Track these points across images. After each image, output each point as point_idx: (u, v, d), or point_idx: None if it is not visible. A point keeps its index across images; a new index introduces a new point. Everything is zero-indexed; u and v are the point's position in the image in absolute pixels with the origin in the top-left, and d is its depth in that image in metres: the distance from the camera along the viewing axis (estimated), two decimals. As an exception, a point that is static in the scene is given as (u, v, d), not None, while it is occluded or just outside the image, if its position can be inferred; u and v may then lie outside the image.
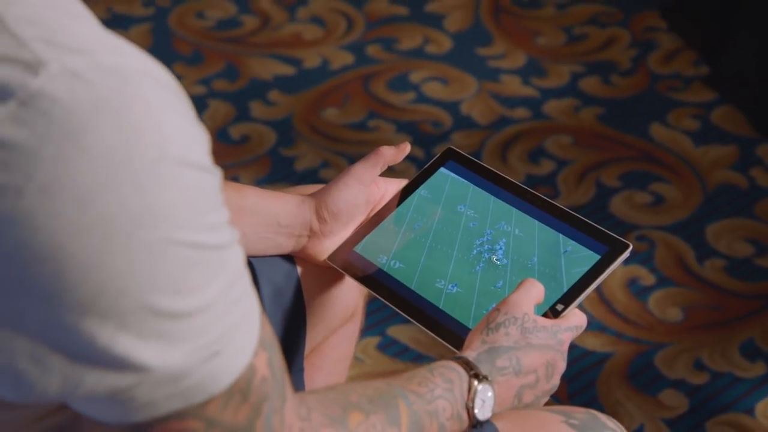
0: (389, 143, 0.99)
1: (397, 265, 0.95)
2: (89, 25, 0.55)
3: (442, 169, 1.02)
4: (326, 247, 0.97)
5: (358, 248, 0.97)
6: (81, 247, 0.51)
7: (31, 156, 0.51)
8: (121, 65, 0.53)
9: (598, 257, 0.91)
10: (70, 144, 0.51)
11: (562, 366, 0.84)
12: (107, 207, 0.51)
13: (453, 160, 1.02)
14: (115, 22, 2.25)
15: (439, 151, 1.55)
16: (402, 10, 2.35)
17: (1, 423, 0.61)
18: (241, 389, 0.58)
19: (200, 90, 2.07)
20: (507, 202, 0.98)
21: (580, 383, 1.51)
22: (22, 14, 0.53)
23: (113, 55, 0.53)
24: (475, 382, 0.78)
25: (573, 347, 0.99)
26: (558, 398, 1.48)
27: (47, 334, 0.53)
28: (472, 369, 0.78)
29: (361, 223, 0.99)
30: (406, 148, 0.98)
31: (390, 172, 0.98)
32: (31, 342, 0.53)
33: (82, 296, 0.52)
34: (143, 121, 0.52)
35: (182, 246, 0.54)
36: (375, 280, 0.95)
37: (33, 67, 0.51)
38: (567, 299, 0.89)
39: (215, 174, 0.56)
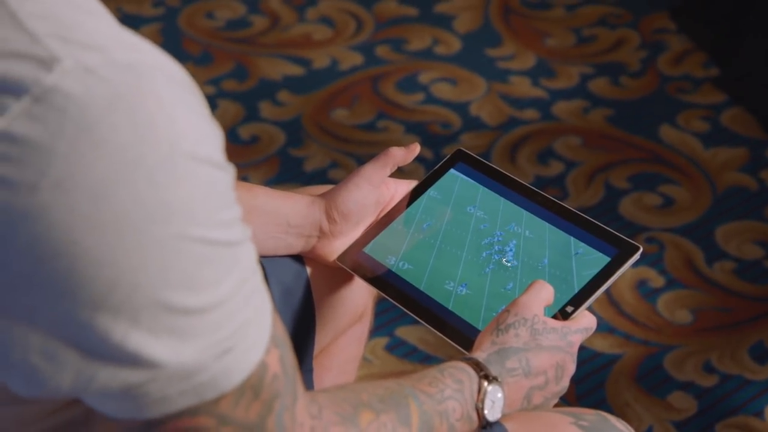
0: (398, 144, 0.99)
1: (406, 266, 0.95)
2: (103, 21, 0.55)
3: (452, 171, 1.02)
4: (336, 248, 0.97)
5: (368, 249, 0.97)
6: (94, 243, 0.52)
7: (45, 152, 0.51)
8: (135, 62, 0.53)
9: (608, 259, 0.91)
10: (84, 140, 0.51)
11: (571, 368, 0.84)
12: (121, 203, 0.52)
13: (463, 161, 1.02)
14: (124, 22, 2.25)
15: (448, 152, 1.56)
16: (411, 11, 2.35)
17: (14, 417, 0.61)
18: (253, 386, 0.58)
19: (209, 90, 2.08)
20: (517, 204, 0.98)
21: (588, 385, 1.51)
22: (36, 10, 0.53)
23: (127, 51, 0.53)
24: (485, 383, 0.78)
25: (582, 349, 0.99)
26: (566, 400, 1.48)
27: (61, 329, 0.53)
28: (482, 370, 0.78)
29: (370, 224, 0.99)
30: (416, 148, 0.98)
31: (399, 173, 0.98)
32: (44, 337, 0.53)
33: (96, 292, 0.52)
34: (156, 117, 0.52)
35: (195, 242, 0.54)
36: (384, 280, 0.95)
37: (47, 63, 0.51)
38: (577, 301, 0.89)
39: (228, 171, 0.56)
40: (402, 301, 0.93)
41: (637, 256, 0.90)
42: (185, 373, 0.55)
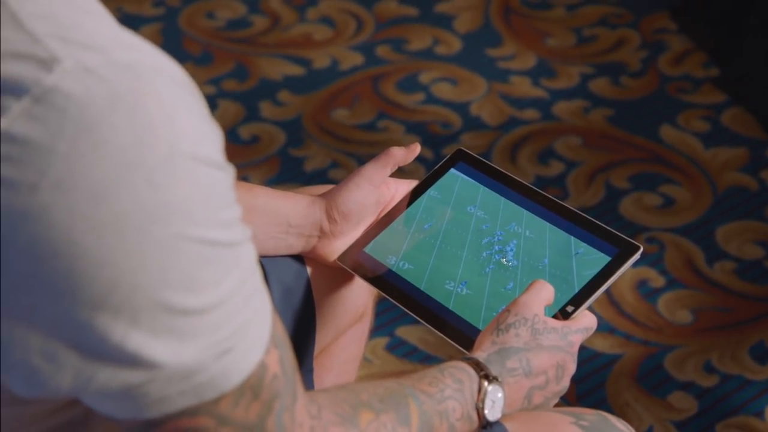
0: (399, 144, 0.99)
1: (407, 265, 0.95)
2: (104, 21, 0.55)
3: (452, 170, 1.02)
4: (336, 248, 0.97)
5: (368, 249, 0.97)
6: (94, 243, 0.52)
7: (45, 152, 0.51)
8: (135, 62, 0.53)
9: (608, 259, 0.91)
10: (84, 140, 0.51)
11: (572, 367, 0.84)
12: (120, 203, 0.52)
13: (463, 161, 1.02)
14: (125, 22, 2.25)
15: (448, 152, 1.55)
16: (412, 11, 2.35)
17: (14, 417, 0.61)
18: (252, 386, 0.58)
19: (210, 90, 2.08)
20: (517, 204, 0.98)
21: (589, 385, 1.51)
22: (36, 11, 0.53)
23: (127, 51, 0.53)
24: (485, 383, 0.78)
25: (582, 349, 0.99)
26: (567, 400, 1.48)
27: (60, 329, 0.53)
28: (482, 370, 0.78)
29: (371, 224, 0.99)
30: (417, 148, 0.98)
31: (399, 173, 0.98)
32: (44, 338, 0.53)
33: (95, 292, 0.52)
34: (156, 117, 0.52)
35: (195, 242, 0.54)
36: (384, 280, 0.95)
37: (47, 63, 0.51)
38: (577, 301, 0.89)
39: (228, 171, 0.56)
40: (402, 301, 0.93)
41: (637, 256, 0.90)
42: (185, 374, 0.55)
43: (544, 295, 0.85)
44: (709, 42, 2.21)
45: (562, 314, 0.87)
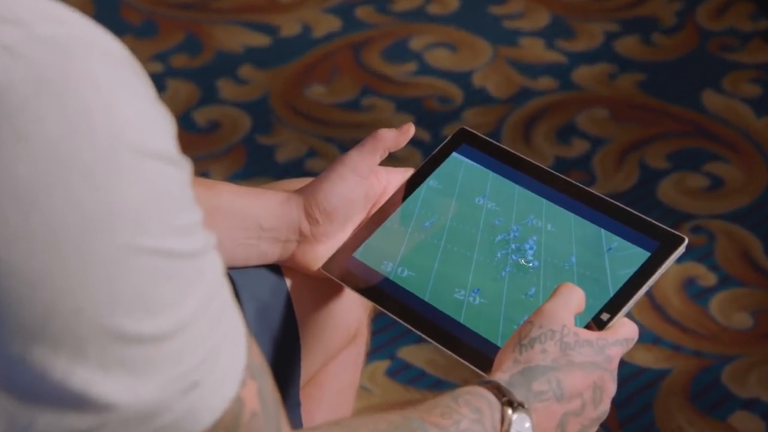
0: (388, 125, 1.00)
1: (406, 272, 0.96)
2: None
3: (455, 154, 1.03)
4: (320, 254, 0.97)
5: (358, 254, 0.97)
6: (23, 259, 0.51)
7: (-43, 149, 0.50)
8: (62, 36, 0.53)
9: (648, 255, 0.92)
10: (6, 133, 0.51)
11: (611, 388, 0.85)
12: (54, 209, 0.51)
13: (467, 142, 1.03)
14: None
15: (449, 132, 1.56)
16: (397, -36, 2.36)
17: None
18: (227, 427, 0.58)
19: (156, 68, 2.08)
20: (535, 192, 0.99)
21: (633, 408, 1.51)
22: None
23: (52, 24, 0.53)
24: (509, 411, 0.78)
25: (623, 364, 0.99)
26: (608, 426, 1.48)
27: (-13, 368, 0.53)
28: (504, 395, 0.79)
29: (360, 224, 0.99)
30: (410, 130, 0.99)
31: (392, 160, 0.98)
32: (-31, 379, 0.53)
33: (28, 319, 0.52)
34: (92, 103, 0.52)
35: (148, 254, 0.54)
36: (380, 291, 0.96)
37: (-45, 41, 0.51)
38: (613, 307, 0.89)
39: (183, 166, 0.56)
40: (403, 316, 0.94)
41: (681, 250, 0.91)
42: (144, 415, 0.55)
43: (573, 301, 0.86)
44: (758, -13, 2.22)
45: (596, 323, 0.88)
